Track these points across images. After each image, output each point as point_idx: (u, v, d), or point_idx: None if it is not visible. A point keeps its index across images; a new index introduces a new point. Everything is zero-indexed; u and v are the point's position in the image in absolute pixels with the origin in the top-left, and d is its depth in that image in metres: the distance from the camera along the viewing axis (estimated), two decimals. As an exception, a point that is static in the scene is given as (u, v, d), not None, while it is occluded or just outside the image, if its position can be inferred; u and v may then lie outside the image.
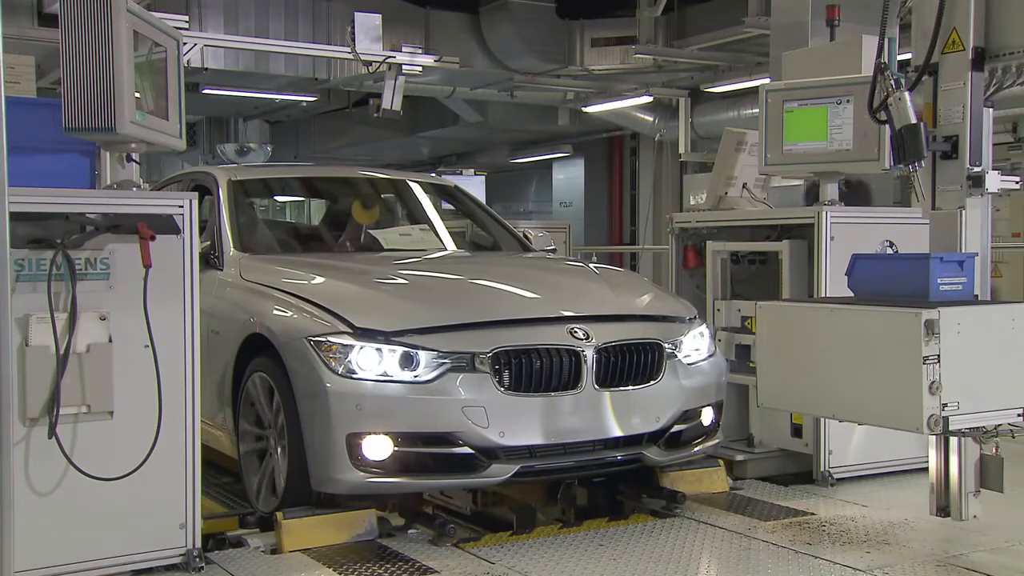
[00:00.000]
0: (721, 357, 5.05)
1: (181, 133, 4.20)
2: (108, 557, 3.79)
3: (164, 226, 3.84)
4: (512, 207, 23.49)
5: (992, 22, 3.95)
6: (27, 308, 3.60)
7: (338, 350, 4.20)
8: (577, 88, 14.96)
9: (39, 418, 3.62)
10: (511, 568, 4.01)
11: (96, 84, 3.64)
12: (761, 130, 5.47)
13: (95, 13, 3.64)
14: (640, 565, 4.03)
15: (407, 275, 4.95)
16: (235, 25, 11.83)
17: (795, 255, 5.36)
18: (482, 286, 4.98)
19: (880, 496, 5.04)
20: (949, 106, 4.00)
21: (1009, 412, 3.81)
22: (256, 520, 4.50)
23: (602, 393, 4.43)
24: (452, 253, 5.92)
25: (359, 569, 4.00)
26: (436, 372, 4.23)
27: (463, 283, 5.03)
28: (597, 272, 5.29)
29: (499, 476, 4.28)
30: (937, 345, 3.60)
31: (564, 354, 4.38)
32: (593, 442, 4.43)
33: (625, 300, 4.91)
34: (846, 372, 3.87)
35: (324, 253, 5.77)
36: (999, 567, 3.99)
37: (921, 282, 3.88)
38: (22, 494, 3.54)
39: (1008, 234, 10.46)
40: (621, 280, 5.22)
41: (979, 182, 3.97)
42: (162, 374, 3.81)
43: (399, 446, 4.19)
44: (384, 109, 10.57)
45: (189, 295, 3.92)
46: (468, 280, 5.07)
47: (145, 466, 3.76)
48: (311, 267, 5.05)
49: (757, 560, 4.09)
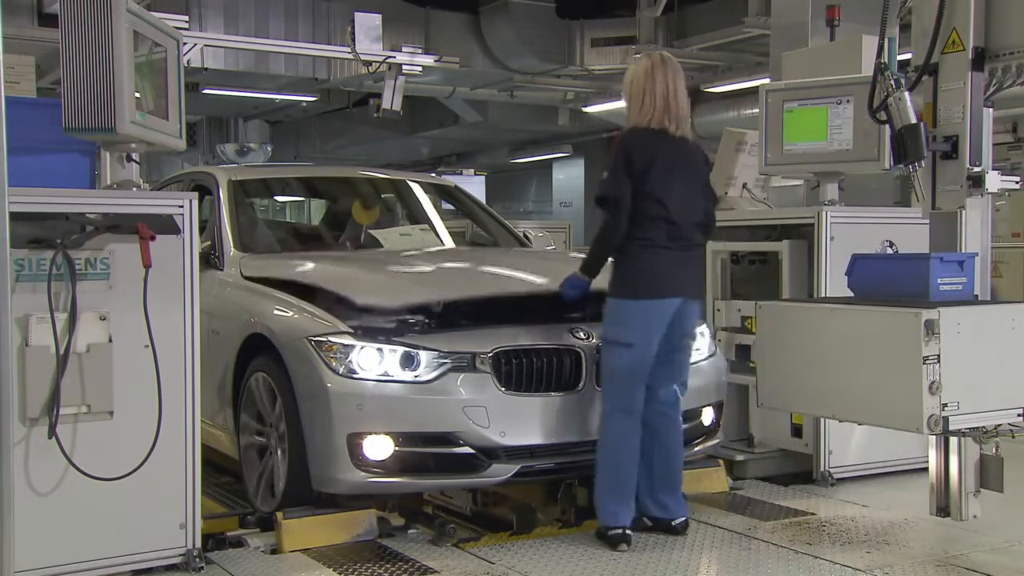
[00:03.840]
0: (721, 357, 5.05)
1: (181, 133, 4.20)
2: (108, 557, 3.79)
3: (164, 226, 3.84)
4: (512, 207, 23.50)
5: (992, 22, 3.95)
6: (27, 308, 3.59)
7: (339, 350, 4.20)
8: (577, 88, 14.95)
9: (39, 418, 3.62)
10: (511, 568, 4.01)
11: (96, 84, 3.64)
12: (761, 130, 5.47)
13: (95, 13, 3.64)
14: (640, 565, 4.03)
15: (409, 264, 5.14)
16: (235, 25, 11.82)
17: (795, 255, 5.36)
18: (485, 271, 5.14)
19: (880, 496, 5.04)
20: (949, 106, 4.00)
21: (1009, 412, 3.81)
22: (256, 520, 4.50)
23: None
24: (451, 248, 5.95)
25: (359, 569, 4.00)
26: (437, 372, 4.23)
27: (468, 269, 5.20)
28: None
29: (499, 476, 4.28)
30: (937, 345, 3.59)
31: (565, 354, 4.39)
32: (594, 442, 4.42)
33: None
34: (846, 372, 3.87)
35: (324, 253, 5.77)
36: (999, 567, 3.99)
37: (921, 282, 3.88)
38: (22, 494, 3.54)
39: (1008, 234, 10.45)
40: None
41: (979, 182, 3.97)
42: (162, 374, 3.80)
43: (400, 446, 4.19)
44: (384, 109, 10.58)
45: (189, 295, 3.92)
46: (472, 266, 5.23)
47: (145, 466, 3.76)
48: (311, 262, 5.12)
49: (757, 560, 4.09)
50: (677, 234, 4.29)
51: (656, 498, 4.39)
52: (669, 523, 4.39)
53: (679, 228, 4.29)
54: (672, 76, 4.33)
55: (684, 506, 4.44)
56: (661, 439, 4.37)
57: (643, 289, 4.26)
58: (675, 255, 4.30)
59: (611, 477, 4.27)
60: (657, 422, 4.36)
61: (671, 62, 4.37)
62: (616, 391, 4.28)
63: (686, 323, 4.38)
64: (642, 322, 4.25)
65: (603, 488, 4.28)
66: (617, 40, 13.50)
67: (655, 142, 4.30)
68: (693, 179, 4.39)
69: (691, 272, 4.42)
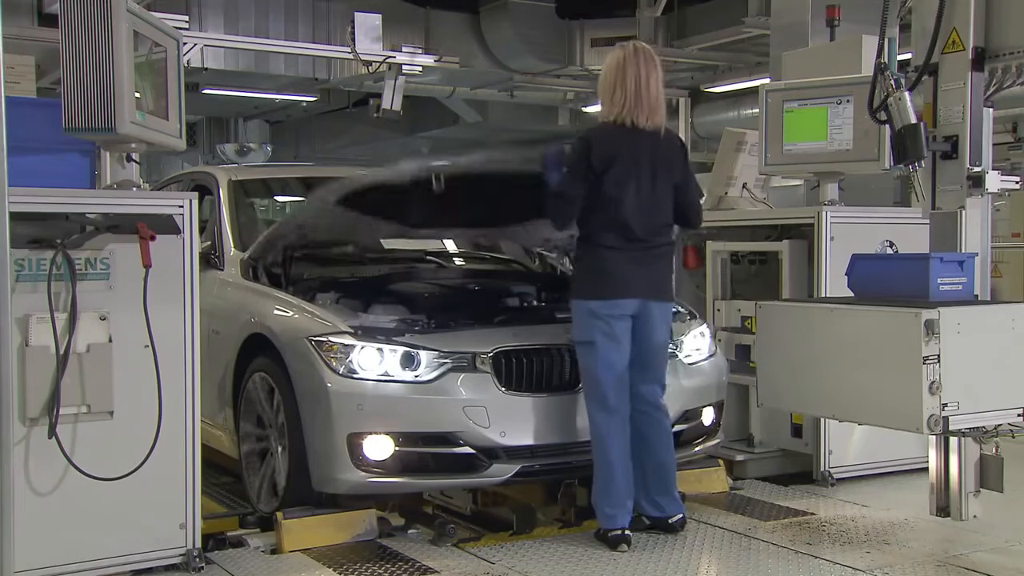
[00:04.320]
0: (721, 357, 5.05)
1: (181, 133, 4.20)
2: (108, 557, 3.79)
3: (164, 226, 3.84)
4: (512, 207, 23.44)
5: (992, 22, 3.95)
6: (27, 308, 3.59)
7: (339, 350, 4.20)
8: (577, 88, 14.93)
9: (39, 418, 3.62)
10: (511, 568, 4.01)
11: (96, 84, 3.64)
12: (761, 130, 5.47)
13: (95, 13, 3.64)
14: (640, 565, 4.03)
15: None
16: (235, 25, 11.81)
17: (795, 255, 5.36)
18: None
19: (880, 496, 5.04)
20: (949, 106, 4.00)
21: (1009, 412, 3.81)
22: (256, 520, 4.50)
23: (602, 393, 4.44)
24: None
25: (359, 569, 4.00)
26: (437, 372, 4.23)
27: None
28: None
29: (500, 476, 4.28)
30: (937, 345, 3.60)
31: (565, 354, 4.39)
32: (594, 442, 4.43)
33: None
34: (846, 372, 3.87)
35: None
36: (999, 567, 3.99)
37: (921, 282, 3.88)
38: (22, 494, 3.54)
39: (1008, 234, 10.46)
40: None
41: (979, 182, 3.97)
42: (162, 374, 3.80)
43: (400, 446, 4.19)
44: (384, 109, 10.56)
45: (189, 295, 3.92)
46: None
47: (145, 466, 3.76)
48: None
49: (757, 560, 4.09)
50: (632, 235, 4.25)
51: (650, 497, 4.39)
52: (666, 521, 4.39)
53: (633, 230, 4.24)
54: (644, 66, 4.25)
55: (680, 504, 4.44)
56: (646, 439, 4.36)
57: (594, 289, 4.25)
58: (629, 255, 4.26)
59: (603, 478, 4.26)
60: (640, 422, 4.35)
61: (643, 51, 4.30)
62: (592, 391, 4.27)
63: (652, 324, 4.31)
64: (598, 322, 4.22)
65: (597, 490, 4.28)
66: (617, 40, 13.48)
67: (618, 139, 4.25)
68: (664, 174, 4.31)
69: (649, 273, 4.31)
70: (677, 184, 4.38)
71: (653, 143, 4.30)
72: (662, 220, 4.35)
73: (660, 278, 4.39)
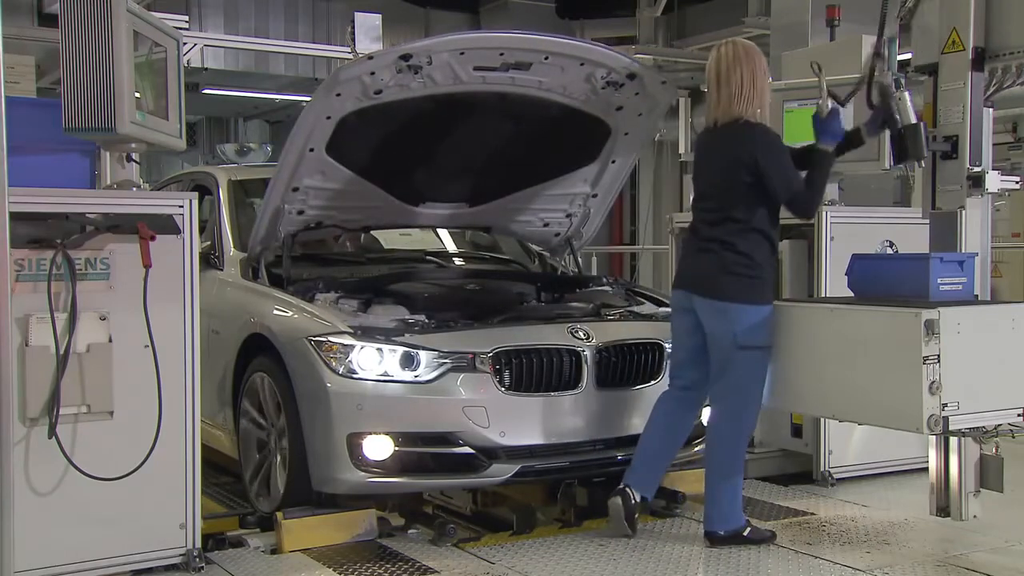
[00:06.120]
0: (721, 357, 5.04)
1: (181, 133, 4.20)
2: (108, 557, 3.79)
3: (164, 226, 3.84)
4: (512, 207, 23.44)
5: (992, 22, 3.95)
6: (27, 308, 3.59)
7: (339, 350, 4.20)
8: (577, 88, 14.94)
9: (39, 418, 3.62)
10: (511, 568, 4.01)
11: (96, 84, 3.64)
12: (761, 130, 5.45)
13: (95, 13, 3.64)
14: (640, 565, 4.03)
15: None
16: (235, 25, 11.83)
17: (795, 255, 5.36)
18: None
19: (880, 496, 5.04)
20: (949, 106, 4.01)
21: (1009, 412, 3.81)
22: (256, 520, 4.50)
23: (602, 393, 4.44)
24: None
25: (359, 569, 4.00)
26: (437, 372, 4.23)
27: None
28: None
29: (499, 476, 4.29)
30: (937, 345, 3.60)
31: (564, 354, 4.39)
32: (594, 442, 4.43)
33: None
34: (846, 372, 3.87)
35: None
36: (999, 567, 3.99)
37: (921, 282, 3.88)
38: (22, 494, 3.54)
39: (1008, 234, 10.46)
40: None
41: (979, 182, 3.97)
42: (162, 374, 3.80)
43: (400, 446, 4.19)
44: (384, 109, 10.55)
45: (189, 295, 3.92)
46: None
47: (145, 466, 3.76)
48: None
49: (757, 560, 4.09)
50: (691, 225, 4.37)
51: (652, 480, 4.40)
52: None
53: (693, 220, 4.35)
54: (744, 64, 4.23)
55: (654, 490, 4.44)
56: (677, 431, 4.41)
57: (770, 293, 4.25)
58: (686, 246, 4.40)
59: (736, 487, 4.28)
60: (684, 414, 4.42)
61: (741, 47, 4.25)
62: (743, 401, 4.23)
63: (706, 322, 4.21)
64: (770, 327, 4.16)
65: (734, 496, 4.30)
66: (617, 40, 13.45)
67: (701, 135, 4.43)
68: (719, 163, 4.27)
69: (692, 264, 4.29)
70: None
71: (720, 135, 4.35)
72: (709, 206, 4.34)
73: (699, 270, 4.32)
